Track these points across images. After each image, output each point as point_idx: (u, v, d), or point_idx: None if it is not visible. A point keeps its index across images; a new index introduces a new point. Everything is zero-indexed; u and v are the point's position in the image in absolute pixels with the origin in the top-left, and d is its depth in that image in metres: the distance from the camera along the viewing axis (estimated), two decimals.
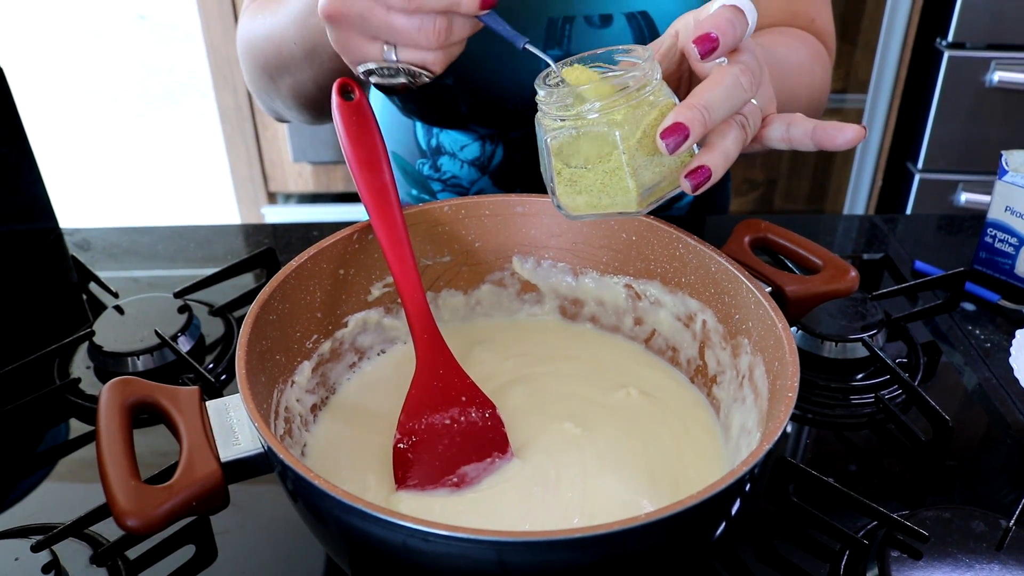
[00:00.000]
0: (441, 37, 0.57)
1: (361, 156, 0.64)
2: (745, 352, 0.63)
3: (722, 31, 0.52)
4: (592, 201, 0.56)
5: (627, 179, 0.53)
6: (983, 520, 0.60)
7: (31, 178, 0.88)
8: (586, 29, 0.86)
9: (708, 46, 0.52)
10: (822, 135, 0.57)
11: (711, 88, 0.52)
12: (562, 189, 0.56)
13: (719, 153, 0.54)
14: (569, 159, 0.55)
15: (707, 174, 0.53)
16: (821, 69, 0.86)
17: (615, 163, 0.53)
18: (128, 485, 0.49)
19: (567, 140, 0.54)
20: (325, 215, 2.38)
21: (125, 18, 2.27)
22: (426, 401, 0.62)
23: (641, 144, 0.53)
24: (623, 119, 0.53)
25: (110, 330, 0.81)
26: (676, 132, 0.51)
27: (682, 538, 0.49)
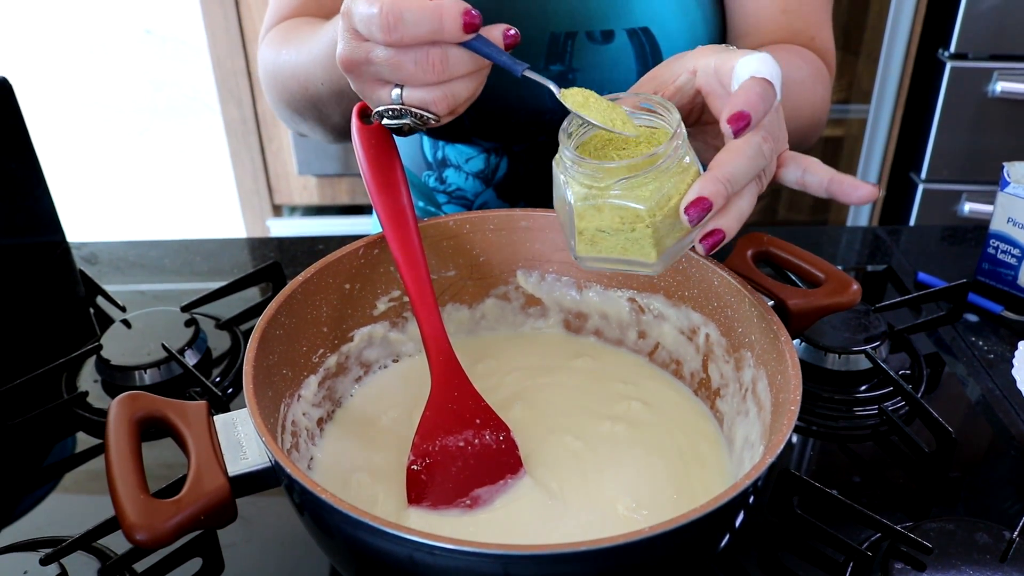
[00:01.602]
0: (437, 70, 0.57)
1: (380, 178, 0.64)
2: (748, 365, 0.63)
3: (754, 108, 0.53)
4: (611, 259, 0.57)
5: (650, 248, 0.55)
6: (987, 532, 0.60)
7: (39, 192, 0.89)
8: (588, 45, 0.87)
9: (742, 124, 0.53)
10: (837, 188, 0.58)
11: (734, 159, 0.53)
12: (582, 246, 0.57)
13: (734, 216, 0.54)
14: (592, 223, 0.55)
15: (721, 237, 0.54)
16: (822, 87, 0.86)
17: (640, 233, 0.54)
18: (137, 499, 0.50)
19: (594, 207, 0.55)
20: (330, 228, 2.38)
21: (132, 32, 2.28)
22: (441, 423, 0.62)
23: (665, 216, 0.54)
24: (651, 194, 0.53)
25: (117, 344, 0.82)
26: (700, 207, 0.52)
27: (686, 550, 0.50)
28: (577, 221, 0.56)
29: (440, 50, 0.57)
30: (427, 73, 0.57)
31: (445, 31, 0.55)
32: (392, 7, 0.54)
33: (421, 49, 0.56)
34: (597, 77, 0.88)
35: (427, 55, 0.56)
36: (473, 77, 0.59)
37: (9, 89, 0.83)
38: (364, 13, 0.55)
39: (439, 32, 0.55)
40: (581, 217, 0.55)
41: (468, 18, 0.55)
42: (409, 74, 0.57)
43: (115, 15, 2.26)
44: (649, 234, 0.54)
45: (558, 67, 0.88)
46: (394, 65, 0.57)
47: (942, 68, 1.96)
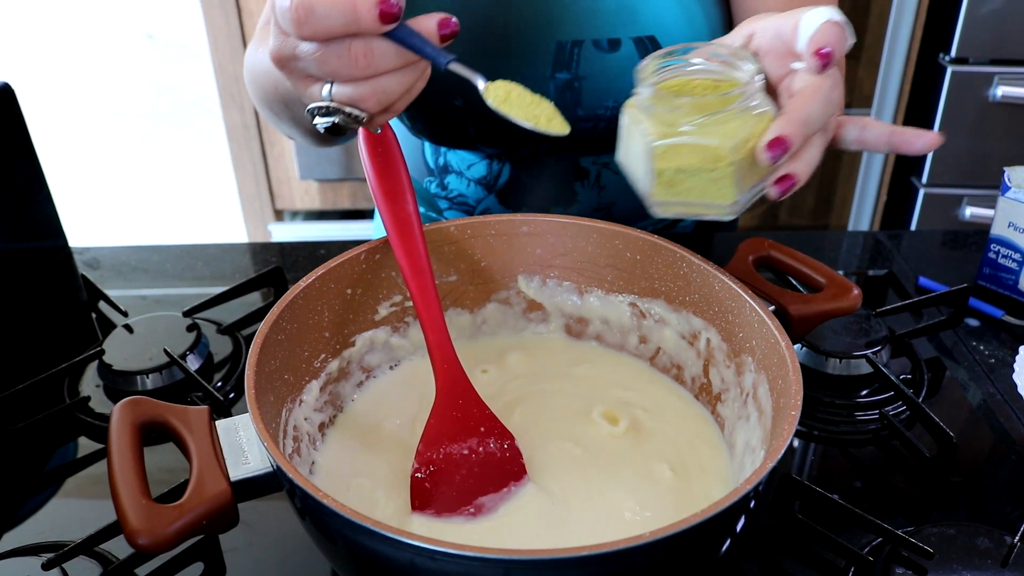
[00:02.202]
0: (361, 64, 0.54)
1: (386, 187, 0.65)
2: (749, 370, 0.63)
3: (835, 45, 0.54)
4: (687, 202, 0.57)
5: (732, 187, 0.55)
6: (988, 536, 0.60)
7: (41, 197, 0.89)
8: (594, 53, 0.87)
9: (826, 59, 0.54)
10: (899, 140, 0.60)
11: (810, 102, 0.55)
12: (659, 189, 0.56)
13: (805, 162, 0.56)
14: (672, 163, 0.55)
15: (793, 182, 0.56)
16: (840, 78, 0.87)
17: (722, 173, 0.54)
18: (139, 504, 0.50)
19: (674, 146, 0.54)
20: (331, 232, 2.39)
21: (133, 37, 2.29)
22: (445, 431, 0.62)
23: (745, 155, 0.54)
24: (733, 132, 0.54)
25: (119, 349, 0.82)
26: (779, 146, 0.53)
27: (687, 555, 0.50)
28: (656, 162, 0.55)
29: (363, 43, 0.54)
30: (352, 67, 0.54)
31: (361, 22, 0.52)
32: (303, 1, 0.52)
33: (343, 43, 0.54)
34: (603, 86, 0.89)
35: (349, 48, 0.54)
36: (405, 71, 0.56)
37: (11, 94, 0.84)
38: (280, 7, 0.53)
39: (355, 24, 0.52)
40: (660, 158, 0.55)
41: (385, 7, 0.52)
42: (334, 69, 0.55)
43: (117, 20, 2.27)
44: (730, 172, 0.54)
45: (564, 75, 0.88)
46: (319, 60, 0.55)
47: (943, 73, 1.96)
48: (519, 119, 0.55)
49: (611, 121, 0.91)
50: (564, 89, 0.88)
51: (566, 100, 0.89)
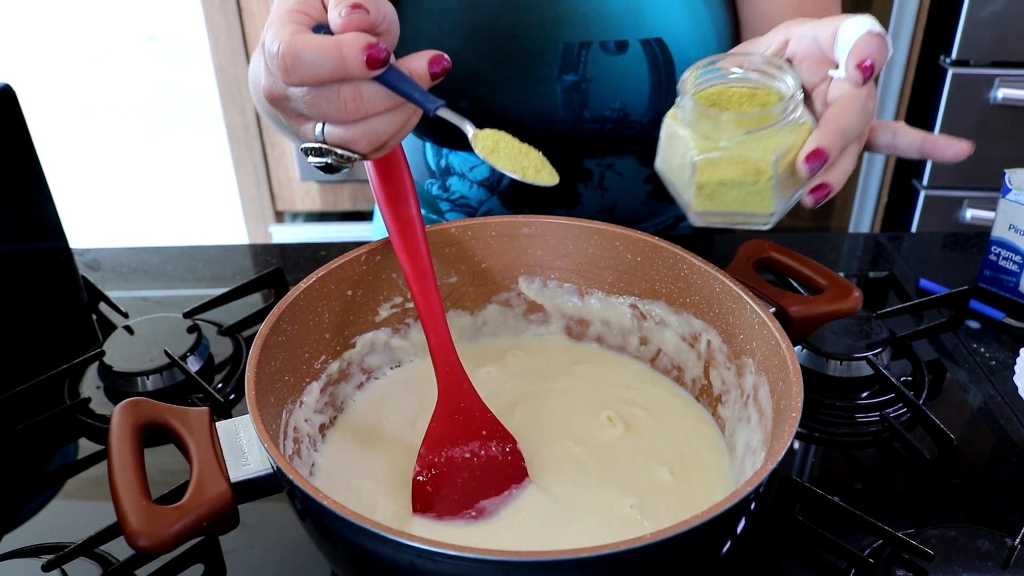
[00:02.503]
0: (350, 108, 0.54)
1: (389, 191, 0.65)
2: (749, 372, 0.63)
3: (876, 58, 0.55)
4: (727, 213, 0.57)
5: (772, 198, 0.55)
6: (988, 539, 0.60)
7: (42, 198, 0.89)
8: (602, 55, 0.87)
9: (867, 72, 0.55)
10: (931, 148, 0.60)
11: (847, 113, 0.55)
12: (700, 200, 0.57)
13: (840, 171, 0.57)
14: (714, 176, 0.55)
15: (828, 191, 0.56)
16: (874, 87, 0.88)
17: (763, 186, 0.55)
18: (140, 506, 0.50)
19: (716, 159, 0.55)
20: (332, 234, 2.39)
21: (134, 39, 2.29)
22: (447, 434, 0.62)
23: (785, 169, 0.55)
24: (776, 146, 0.54)
25: (120, 350, 0.82)
26: (818, 158, 0.54)
27: (687, 557, 0.50)
28: (698, 175, 0.55)
29: (351, 87, 0.53)
30: (341, 111, 0.54)
31: (349, 69, 0.52)
32: (289, 47, 0.52)
33: (332, 87, 0.53)
34: (610, 87, 0.89)
35: (338, 93, 0.53)
36: (396, 112, 0.56)
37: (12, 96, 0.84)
38: (269, 52, 0.53)
39: (342, 70, 0.52)
40: (702, 171, 0.55)
41: (372, 52, 0.51)
42: (324, 112, 0.54)
43: (118, 22, 2.27)
44: (772, 186, 0.55)
45: (571, 77, 0.88)
46: (309, 103, 0.54)
47: (943, 75, 1.96)
48: (507, 171, 0.55)
49: (617, 123, 0.91)
50: (571, 90, 0.89)
51: (572, 102, 0.89)
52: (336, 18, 0.53)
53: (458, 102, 0.89)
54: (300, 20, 0.54)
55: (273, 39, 0.53)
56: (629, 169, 0.97)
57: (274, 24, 0.54)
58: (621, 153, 0.96)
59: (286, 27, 0.53)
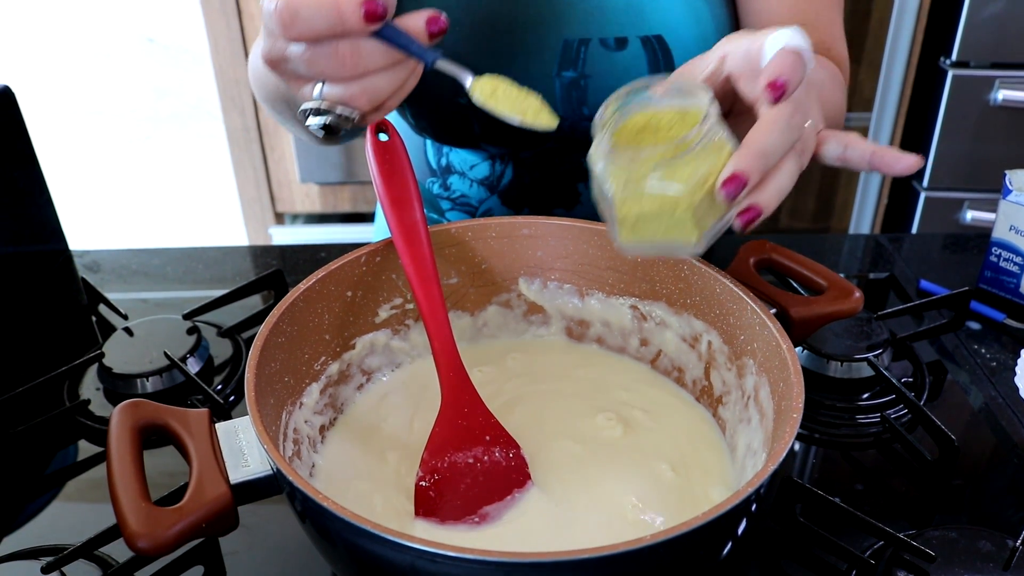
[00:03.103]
0: (348, 64, 0.54)
1: (393, 194, 0.64)
2: (750, 373, 0.63)
3: (788, 76, 0.52)
4: (653, 243, 0.56)
5: (691, 229, 0.54)
6: (990, 540, 0.60)
7: (41, 200, 0.89)
8: (601, 52, 0.87)
9: (778, 92, 0.52)
10: (880, 161, 0.58)
11: (766, 133, 0.53)
12: (624, 233, 0.56)
13: (771, 191, 0.54)
14: (633, 210, 0.55)
15: (758, 212, 0.54)
16: (840, 92, 0.86)
17: (682, 215, 0.53)
18: (139, 507, 0.50)
19: (633, 195, 0.54)
20: (332, 235, 2.39)
21: (134, 41, 2.29)
22: (450, 439, 0.62)
23: (703, 197, 0.53)
24: (688, 176, 0.53)
25: (119, 352, 0.82)
26: (735, 183, 0.52)
27: (688, 558, 0.50)
28: (618, 210, 0.55)
29: (349, 43, 0.53)
30: (340, 68, 0.54)
31: (346, 24, 0.52)
32: (287, 3, 0.52)
33: (330, 43, 0.53)
34: (609, 84, 0.89)
35: (336, 49, 0.54)
36: (395, 70, 0.56)
37: (12, 97, 0.84)
38: (266, 10, 0.53)
39: (340, 25, 0.52)
40: (621, 205, 0.55)
41: (369, 7, 0.51)
42: (323, 69, 0.55)
43: (118, 24, 2.27)
44: (689, 216, 0.53)
45: (571, 73, 0.88)
46: (308, 61, 0.54)
47: (943, 76, 1.97)
48: (505, 114, 0.55)
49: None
50: (570, 87, 0.89)
51: (571, 99, 0.89)
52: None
53: (456, 98, 0.89)
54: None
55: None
56: None
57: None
58: None
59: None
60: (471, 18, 0.87)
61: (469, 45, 0.87)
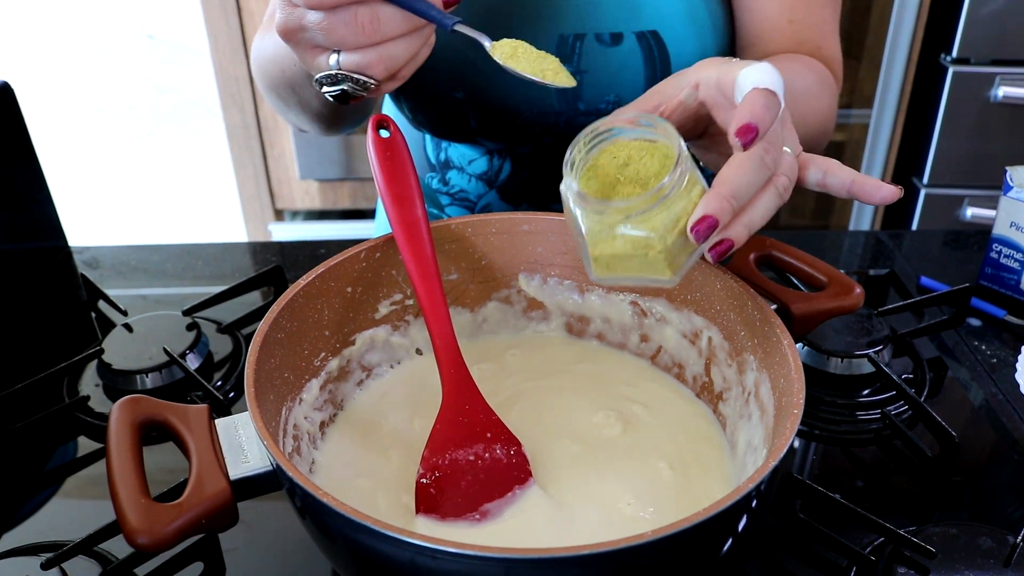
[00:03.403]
0: (368, 31, 0.56)
1: (395, 191, 0.64)
2: (751, 369, 0.63)
3: (760, 119, 0.52)
4: (628, 279, 0.57)
5: (664, 268, 0.54)
6: (990, 536, 0.60)
7: (41, 197, 0.89)
8: (596, 47, 0.87)
9: (750, 137, 0.52)
10: (859, 190, 0.59)
11: (736, 174, 0.53)
12: (598, 270, 0.56)
13: (743, 226, 0.54)
14: (606, 250, 0.55)
15: (729, 245, 0.54)
16: (828, 96, 0.85)
17: (654, 257, 0.54)
18: (138, 503, 0.50)
19: (605, 237, 0.55)
20: (332, 232, 2.38)
21: (134, 37, 2.29)
22: (451, 436, 0.62)
23: (675, 238, 0.54)
24: (660, 222, 0.53)
25: (119, 348, 0.82)
26: (705, 224, 0.52)
27: (688, 555, 0.50)
28: (590, 249, 0.55)
29: (368, 9, 0.55)
30: (358, 35, 0.56)
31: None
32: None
33: (349, 10, 0.55)
34: (605, 80, 0.88)
35: (355, 16, 0.55)
36: (411, 38, 0.58)
37: (11, 94, 0.83)
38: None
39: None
40: (594, 246, 0.55)
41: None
42: (341, 37, 0.56)
43: (117, 20, 2.27)
44: (662, 257, 0.54)
45: (567, 67, 0.88)
46: (326, 29, 0.56)
47: (944, 73, 1.96)
48: (526, 74, 0.57)
49: None
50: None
51: (567, 94, 0.89)
52: None
53: (453, 93, 0.89)
54: None
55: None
56: None
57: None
58: None
59: None
60: (466, 13, 0.87)
61: (464, 39, 0.87)
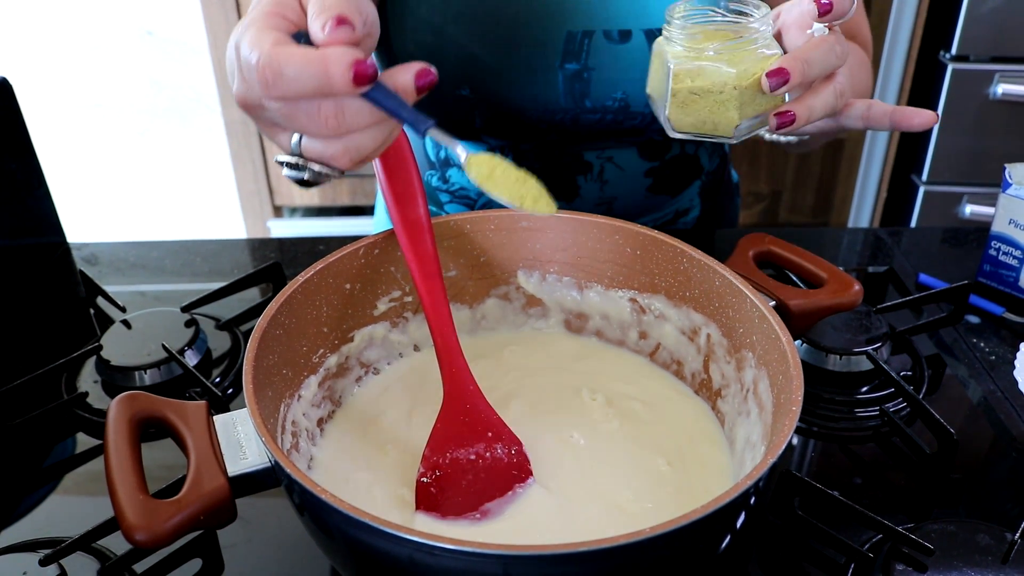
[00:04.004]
0: (331, 125, 0.51)
1: (397, 190, 0.64)
2: (749, 366, 0.63)
3: (837, 1, 0.62)
4: (697, 123, 0.65)
5: (734, 111, 0.63)
6: (988, 533, 0.60)
7: (39, 193, 0.88)
8: (605, 44, 0.87)
9: (825, 8, 0.62)
10: (900, 117, 0.67)
11: (812, 48, 0.62)
12: (674, 109, 0.65)
13: (805, 106, 0.63)
14: (686, 84, 0.64)
15: (792, 118, 0.63)
16: (867, 73, 0.91)
17: (727, 96, 0.63)
18: (136, 499, 0.50)
19: (690, 69, 0.64)
20: (330, 228, 2.38)
21: (133, 34, 2.29)
22: (452, 436, 0.62)
23: (749, 84, 0.63)
24: (740, 61, 0.63)
25: (117, 344, 0.82)
26: (779, 75, 0.61)
27: (687, 551, 0.50)
28: (673, 83, 0.64)
29: (333, 103, 0.50)
30: (321, 128, 0.51)
31: (334, 86, 0.48)
32: (270, 61, 0.48)
33: (312, 102, 0.50)
34: (612, 77, 0.89)
35: (319, 109, 0.50)
36: (379, 127, 0.53)
37: (9, 90, 0.83)
38: (247, 61, 0.50)
39: (326, 87, 0.48)
40: (678, 78, 0.64)
41: (360, 69, 0.48)
42: (303, 126, 0.52)
43: (116, 16, 2.26)
44: (735, 96, 0.63)
45: (573, 65, 0.88)
46: (286, 116, 0.51)
47: (943, 70, 1.96)
48: (503, 198, 0.52)
49: (618, 113, 0.91)
50: (573, 79, 0.88)
51: (574, 91, 0.89)
52: (319, 32, 0.50)
53: (459, 90, 0.89)
54: (279, 25, 0.51)
55: (251, 48, 0.50)
56: (629, 162, 0.97)
57: (250, 28, 0.51)
58: (622, 145, 0.96)
59: (265, 34, 0.50)
60: (474, 11, 0.87)
61: (472, 37, 0.87)
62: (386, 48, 0.92)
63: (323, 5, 0.51)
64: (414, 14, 0.88)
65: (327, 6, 0.50)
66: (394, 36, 0.90)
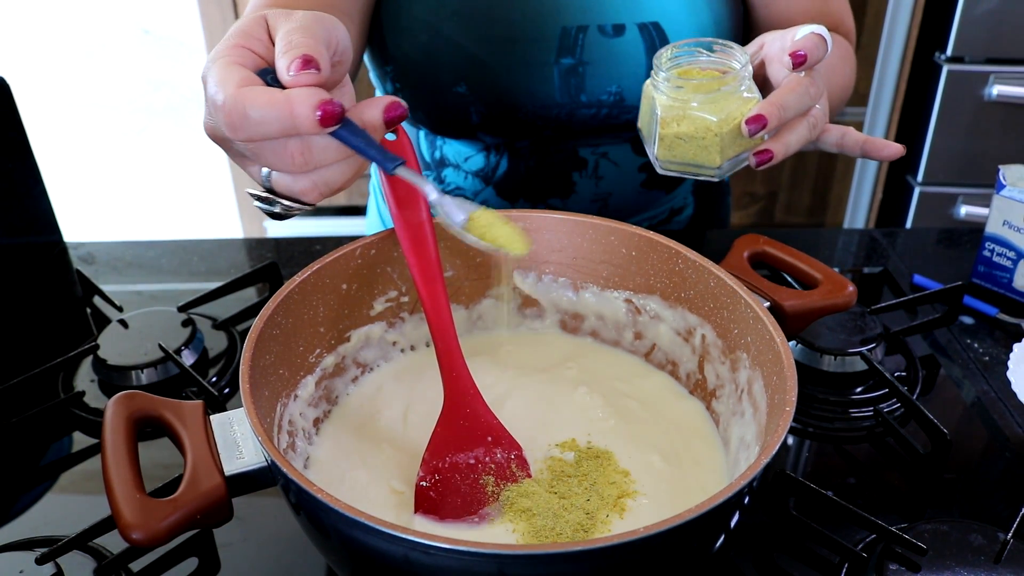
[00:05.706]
0: (298, 161, 0.51)
1: (399, 194, 0.63)
2: (744, 366, 0.63)
3: (810, 51, 0.66)
4: (683, 163, 0.70)
5: (716, 153, 0.68)
6: (981, 533, 0.61)
7: (36, 192, 0.89)
8: (599, 38, 0.87)
9: (799, 60, 0.66)
10: (871, 147, 0.72)
11: (787, 92, 0.66)
12: (661, 150, 0.70)
13: (782, 143, 0.68)
14: (672, 130, 0.68)
15: (770, 156, 0.67)
16: (849, 68, 0.94)
17: (710, 141, 0.67)
18: (133, 498, 0.50)
19: (675, 116, 0.68)
20: (327, 228, 2.38)
21: (129, 32, 2.28)
22: (451, 440, 0.62)
23: (730, 130, 0.67)
24: (721, 110, 0.67)
25: (114, 344, 0.82)
26: (757, 122, 0.65)
27: (681, 551, 0.50)
28: (660, 128, 0.69)
29: (300, 141, 0.50)
30: (288, 165, 0.51)
31: (300, 127, 0.48)
32: (235, 104, 0.48)
33: (278, 141, 0.50)
34: (607, 71, 0.89)
35: (285, 146, 0.50)
36: (347, 162, 0.53)
37: (7, 89, 0.83)
38: (213, 100, 0.50)
39: (292, 128, 0.49)
40: (664, 125, 0.68)
41: (326, 109, 0.48)
42: (269, 163, 0.52)
43: (113, 15, 2.26)
44: (717, 142, 0.67)
45: (568, 60, 0.88)
46: (253, 152, 0.51)
47: (939, 71, 1.97)
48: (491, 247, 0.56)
49: (613, 107, 0.91)
50: (568, 74, 0.89)
51: (569, 85, 0.89)
52: (285, 74, 0.50)
53: (455, 87, 0.89)
54: (245, 61, 0.51)
55: (217, 87, 0.49)
56: (623, 158, 0.97)
57: (216, 64, 0.51)
58: (616, 141, 0.96)
59: (230, 73, 0.50)
60: (470, 7, 0.87)
61: (468, 34, 0.88)
62: (381, 48, 0.92)
63: (289, 42, 0.51)
64: (409, 13, 0.88)
65: (294, 44, 0.50)
66: (389, 36, 0.90)
